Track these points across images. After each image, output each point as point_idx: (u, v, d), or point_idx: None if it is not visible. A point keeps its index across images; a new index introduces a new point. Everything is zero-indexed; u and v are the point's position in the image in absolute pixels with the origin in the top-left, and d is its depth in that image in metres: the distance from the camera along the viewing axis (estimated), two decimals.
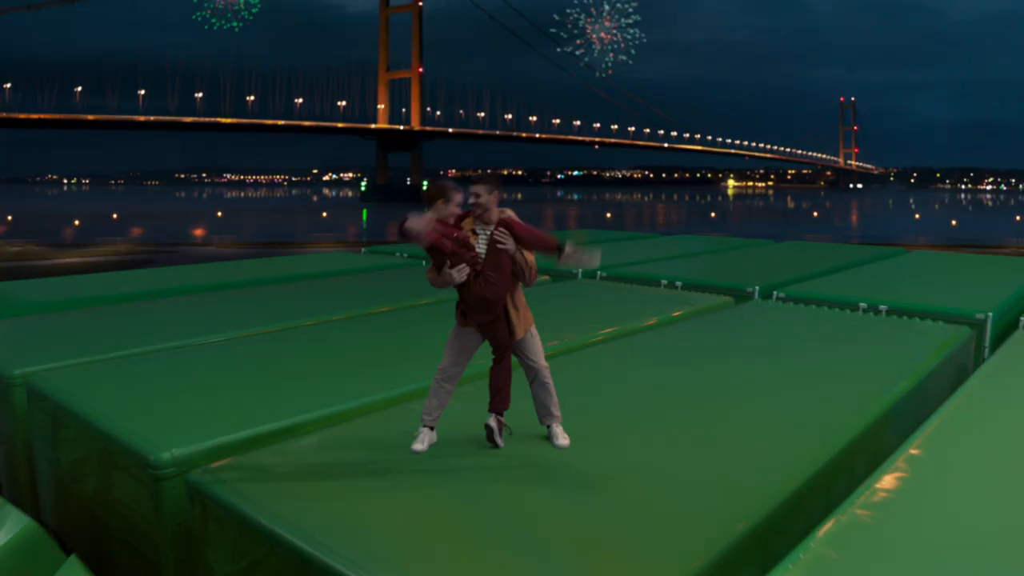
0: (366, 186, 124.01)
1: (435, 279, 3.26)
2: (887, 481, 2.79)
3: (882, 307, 6.68)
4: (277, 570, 2.63)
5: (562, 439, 3.38)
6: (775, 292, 7.31)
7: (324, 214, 78.20)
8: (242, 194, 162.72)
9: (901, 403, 4.13)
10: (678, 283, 7.82)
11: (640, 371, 4.55)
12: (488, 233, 3.23)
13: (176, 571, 3.26)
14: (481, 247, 3.22)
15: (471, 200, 3.23)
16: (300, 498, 2.82)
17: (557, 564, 2.34)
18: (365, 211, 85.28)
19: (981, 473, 2.96)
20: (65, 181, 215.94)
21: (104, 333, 5.48)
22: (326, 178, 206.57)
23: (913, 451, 3.11)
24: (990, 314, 6.24)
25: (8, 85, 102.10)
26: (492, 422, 3.31)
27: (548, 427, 3.42)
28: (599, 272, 8.41)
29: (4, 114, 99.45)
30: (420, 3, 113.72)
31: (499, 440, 3.30)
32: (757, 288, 7.44)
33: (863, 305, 6.78)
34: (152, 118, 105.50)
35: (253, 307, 6.51)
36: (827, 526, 2.43)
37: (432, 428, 3.30)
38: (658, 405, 3.90)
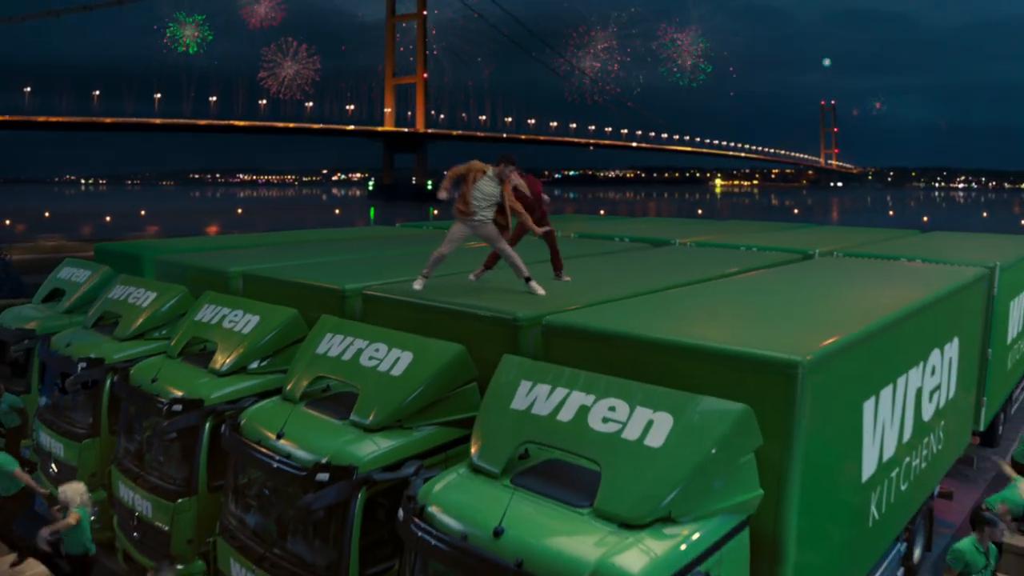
0: (373, 185, 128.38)
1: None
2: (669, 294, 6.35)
3: (754, 248, 10.30)
4: (419, 325, 6.16)
5: (539, 290, 6.72)
6: (689, 241, 10.94)
7: (337, 211, 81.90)
8: (254, 193, 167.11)
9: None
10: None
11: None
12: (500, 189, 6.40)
13: None
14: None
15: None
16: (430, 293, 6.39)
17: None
18: (372, 208, 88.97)
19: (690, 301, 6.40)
20: (83, 181, 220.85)
21: (265, 256, 9.14)
22: (335, 178, 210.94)
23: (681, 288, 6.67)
24: (818, 251, 9.84)
25: (28, 89, 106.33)
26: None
27: (526, 282, 6.74)
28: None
29: (24, 117, 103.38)
30: (425, 12, 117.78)
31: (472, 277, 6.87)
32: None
33: (755, 248, 10.38)
34: (168, 121, 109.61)
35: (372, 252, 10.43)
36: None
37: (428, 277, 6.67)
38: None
